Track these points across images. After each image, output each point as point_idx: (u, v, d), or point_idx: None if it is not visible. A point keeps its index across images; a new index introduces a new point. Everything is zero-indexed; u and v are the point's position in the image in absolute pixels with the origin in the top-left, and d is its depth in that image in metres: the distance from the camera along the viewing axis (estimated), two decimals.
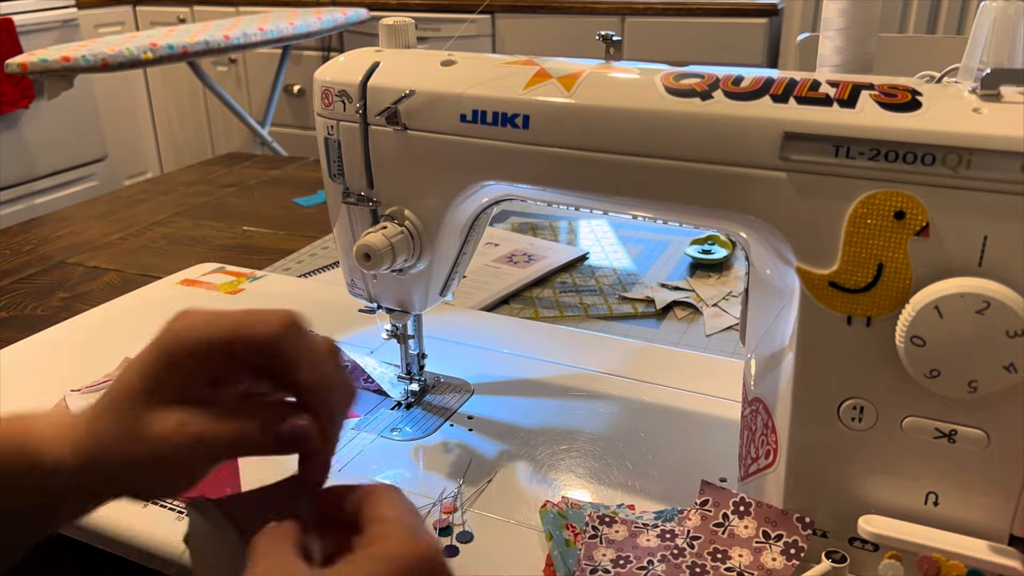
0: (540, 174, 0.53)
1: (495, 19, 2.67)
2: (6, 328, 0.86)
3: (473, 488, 0.59)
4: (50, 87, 1.89)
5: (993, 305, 0.40)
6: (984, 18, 0.45)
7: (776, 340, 0.50)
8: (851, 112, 0.44)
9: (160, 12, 3.18)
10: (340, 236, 0.64)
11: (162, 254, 1.05)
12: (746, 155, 0.46)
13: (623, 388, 0.71)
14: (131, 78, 3.22)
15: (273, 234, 1.11)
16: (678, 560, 0.49)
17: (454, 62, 0.56)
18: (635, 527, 0.53)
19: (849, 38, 0.69)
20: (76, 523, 0.54)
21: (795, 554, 0.48)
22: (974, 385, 0.42)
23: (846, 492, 0.48)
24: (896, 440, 0.46)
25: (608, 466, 0.61)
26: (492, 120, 0.52)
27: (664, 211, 0.52)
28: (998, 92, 0.42)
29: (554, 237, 1.07)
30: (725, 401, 0.67)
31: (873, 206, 0.43)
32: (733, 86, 0.47)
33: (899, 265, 0.43)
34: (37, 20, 2.66)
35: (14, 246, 1.09)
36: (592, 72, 0.51)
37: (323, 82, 0.59)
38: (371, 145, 0.58)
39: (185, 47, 2.00)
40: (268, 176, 1.38)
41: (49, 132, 2.71)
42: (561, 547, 0.52)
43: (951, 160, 0.41)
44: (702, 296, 0.88)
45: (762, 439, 0.52)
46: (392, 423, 0.67)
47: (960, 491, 0.46)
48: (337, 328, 0.80)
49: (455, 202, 0.57)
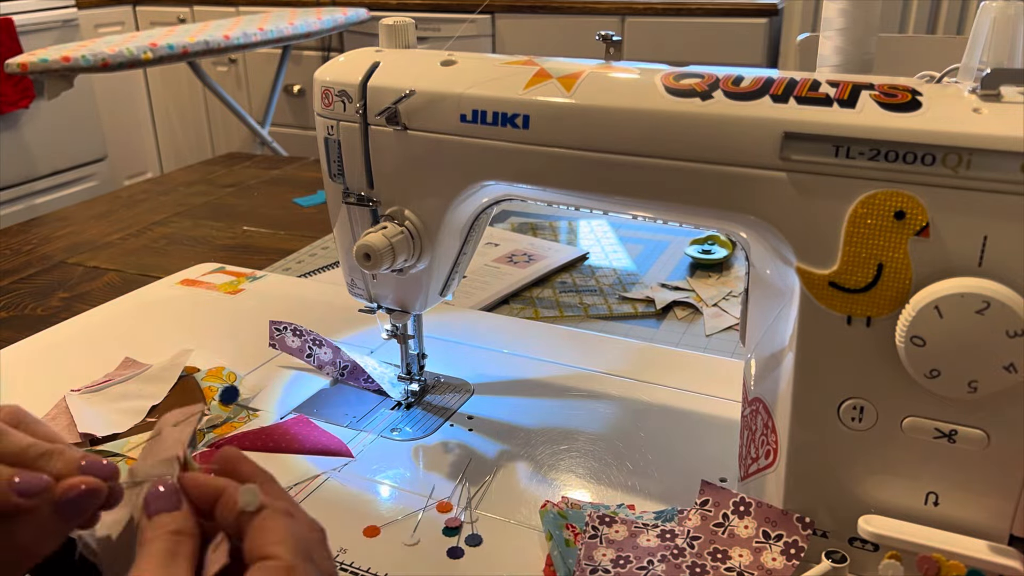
0: (540, 174, 0.53)
1: (495, 19, 2.67)
2: (6, 328, 0.86)
3: (473, 488, 0.59)
4: (50, 87, 1.89)
5: (993, 305, 0.40)
6: (984, 18, 0.45)
7: (776, 340, 0.50)
8: (851, 112, 0.44)
9: (160, 12, 3.18)
10: (340, 236, 0.64)
11: (162, 254, 1.05)
12: (746, 155, 0.46)
13: (623, 388, 0.71)
14: (131, 78, 3.22)
15: (273, 234, 1.11)
16: (678, 560, 0.49)
17: (454, 62, 0.56)
18: (635, 527, 0.53)
19: (849, 38, 0.69)
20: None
21: (795, 554, 0.48)
22: (974, 385, 0.42)
23: (846, 492, 0.48)
24: (896, 440, 0.46)
25: (608, 466, 0.61)
26: (492, 120, 0.52)
27: (664, 211, 0.52)
28: (998, 92, 0.42)
29: (554, 237, 1.07)
30: (725, 401, 0.68)
31: (873, 206, 0.43)
32: (733, 86, 0.47)
33: (899, 265, 0.43)
34: (37, 20, 2.66)
35: (14, 246, 1.09)
36: (592, 72, 0.51)
37: (323, 82, 0.59)
38: (371, 145, 0.58)
39: (185, 47, 2.00)
40: (268, 176, 1.38)
41: (49, 132, 2.71)
42: (561, 547, 0.52)
43: (951, 160, 0.41)
44: (702, 296, 0.88)
45: (762, 439, 0.52)
46: (392, 423, 0.67)
47: (960, 491, 0.46)
48: (337, 328, 0.80)
49: (455, 202, 0.57)
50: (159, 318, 0.86)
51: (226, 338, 0.81)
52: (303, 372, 0.74)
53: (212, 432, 0.65)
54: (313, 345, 0.74)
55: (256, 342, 0.78)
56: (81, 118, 2.83)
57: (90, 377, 0.73)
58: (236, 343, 0.79)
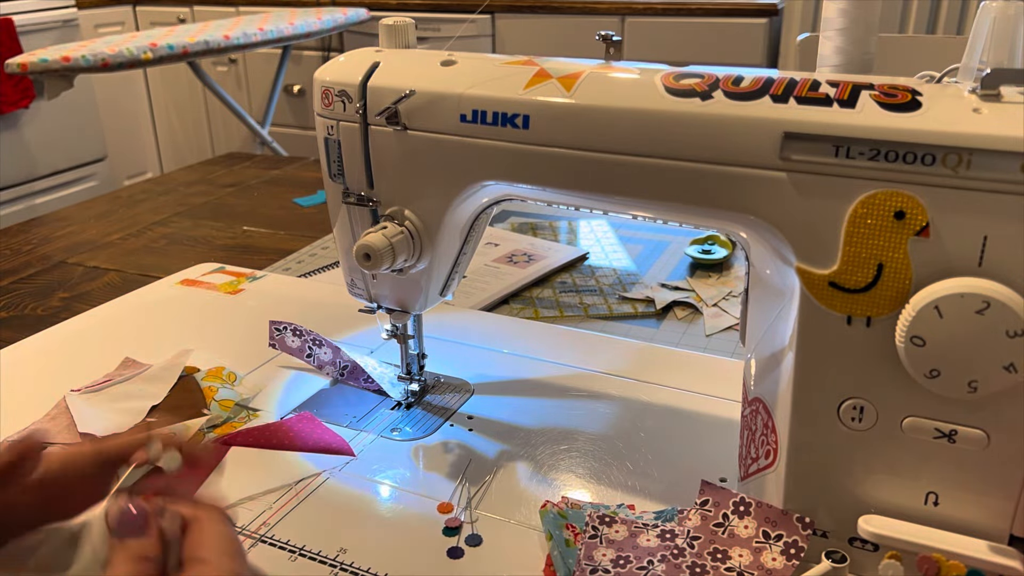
0: (540, 174, 0.53)
1: (495, 19, 2.67)
2: (6, 328, 0.86)
3: (473, 488, 0.59)
4: (50, 87, 1.89)
5: (993, 305, 0.40)
6: (984, 18, 0.45)
7: (776, 340, 0.50)
8: (851, 112, 0.44)
9: (160, 12, 3.18)
10: (340, 236, 0.64)
11: (162, 254, 1.05)
12: (746, 155, 0.46)
13: (623, 388, 0.71)
14: (131, 78, 3.22)
15: (273, 234, 1.11)
16: (678, 560, 0.49)
17: (454, 62, 0.56)
18: (635, 527, 0.53)
19: (849, 38, 0.69)
20: None
21: (795, 554, 0.48)
22: (974, 385, 0.42)
23: (846, 492, 0.48)
24: (896, 440, 0.46)
25: (608, 466, 0.61)
26: (492, 120, 0.52)
27: (664, 211, 0.52)
28: (998, 92, 0.42)
29: (554, 237, 1.07)
30: (725, 401, 0.68)
31: (873, 206, 0.43)
32: (733, 86, 0.47)
33: (899, 265, 0.43)
34: (37, 20, 2.66)
35: (14, 246, 1.09)
36: (592, 72, 0.51)
37: (323, 82, 0.59)
38: (371, 145, 0.58)
39: (185, 47, 2.00)
40: (268, 176, 1.38)
41: (49, 132, 2.71)
42: (561, 547, 0.52)
43: (951, 160, 0.41)
44: (702, 296, 0.88)
45: (762, 439, 0.52)
46: (392, 423, 0.67)
47: (960, 491, 0.46)
48: (337, 328, 0.80)
49: (455, 202, 0.57)
50: (159, 318, 0.86)
51: (226, 338, 0.81)
52: (303, 372, 0.74)
53: (212, 432, 0.65)
54: (313, 345, 0.74)
55: (256, 342, 0.78)
56: (81, 118, 2.83)
57: (90, 377, 0.73)
58: (236, 343, 0.79)
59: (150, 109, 3.37)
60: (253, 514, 0.56)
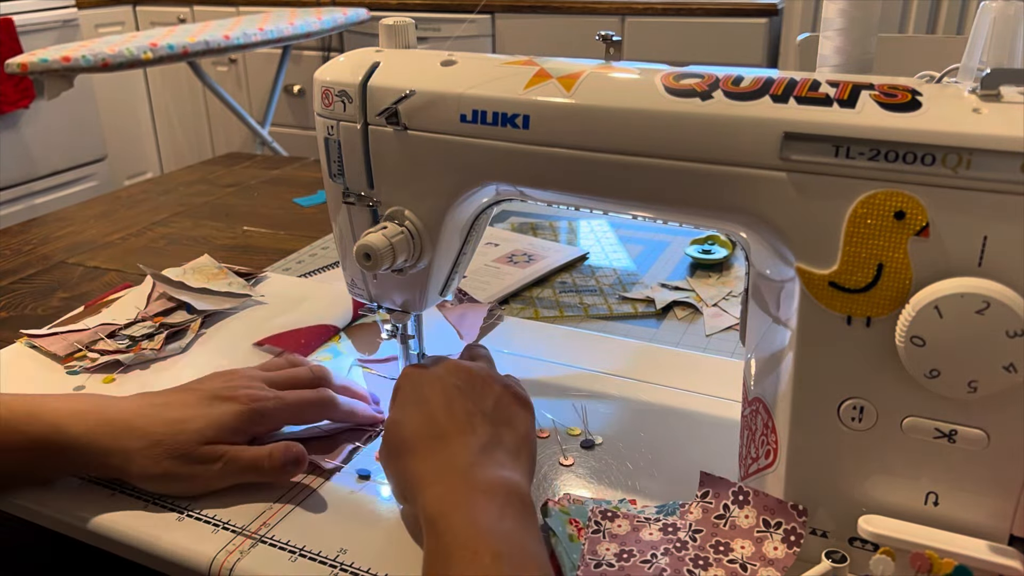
0: (540, 174, 0.53)
1: (495, 19, 2.67)
2: (6, 328, 0.85)
3: None
4: (50, 87, 1.89)
5: (993, 305, 0.40)
6: (984, 18, 0.45)
7: (776, 340, 0.50)
8: (851, 112, 0.44)
9: (160, 12, 3.18)
10: (340, 236, 0.64)
11: (162, 254, 1.05)
12: (746, 155, 0.46)
13: (623, 388, 0.71)
14: (131, 78, 3.22)
15: (273, 234, 1.11)
16: (681, 553, 0.49)
17: (454, 62, 0.56)
18: (637, 521, 0.53)
19: (849, 38, 0.69)
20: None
21: (795, 541, 0.48)
22: (974, 385, 0.42)
23: (846, 492, 0.48)
24: (896, 440, 0.46)
25: (608, 466, 0.61)
26: (492, 120, 0.52)
27: (664, 211, 0.52)
28: (998, 92, 0.42)
29: (554, 237, 1.07)
30: (725, 401, 0.68)
31: (873, 206, 0.43)
32: (733, 86, 0.47)
33: (899, 265, 0.43)
34: (37, 20, 2.66)
35: (14, 246, 1.09)
36: (592, 72, 0.51)
37: (323, 82, 0.59)
38: (371, 145, 0.58)
39: (185, 47, 2.00)
40: (268, 176, 1.38)
41: (49, 132, 2.71)
42: (565, 542, 0.52)
43: (951, 160, 0.41)
44: (702, 296, 0.88)
45: (762, 439, 0.52)
46: None
47: (960, 491, 0.46)
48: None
49: (455, 202, 0.57)
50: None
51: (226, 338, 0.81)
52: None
53: None
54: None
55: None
56: (81, 118, 2.84)
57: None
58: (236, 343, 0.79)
59: (150, 109, 3.37)
60: (253, 514, 0.56)
